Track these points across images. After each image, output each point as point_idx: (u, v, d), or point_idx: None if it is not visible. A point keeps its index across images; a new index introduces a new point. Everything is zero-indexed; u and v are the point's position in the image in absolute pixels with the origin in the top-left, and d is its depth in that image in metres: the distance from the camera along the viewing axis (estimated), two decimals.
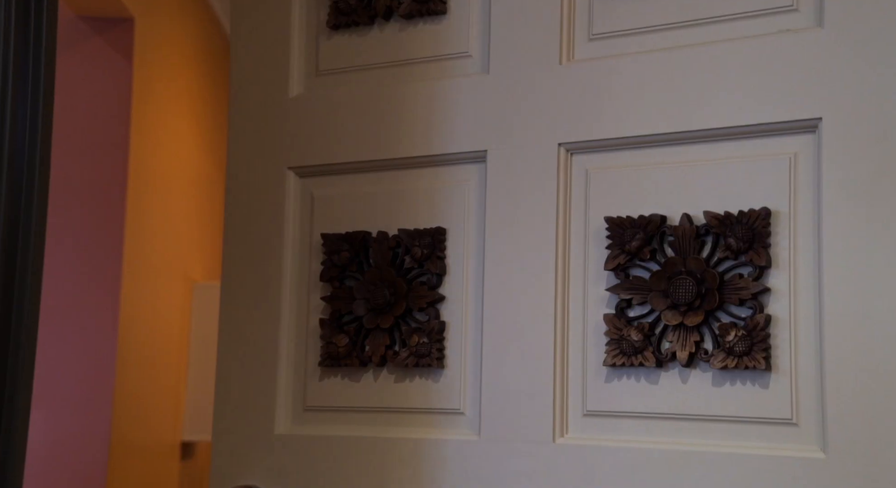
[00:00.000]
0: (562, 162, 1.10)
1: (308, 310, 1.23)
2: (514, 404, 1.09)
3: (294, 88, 1.25)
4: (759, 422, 0.99)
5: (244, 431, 1.23)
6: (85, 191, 2.18)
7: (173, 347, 2.87)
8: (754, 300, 1.00)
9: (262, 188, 1.26)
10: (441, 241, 1.16)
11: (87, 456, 2.12)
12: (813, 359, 0.96)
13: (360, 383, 1.20)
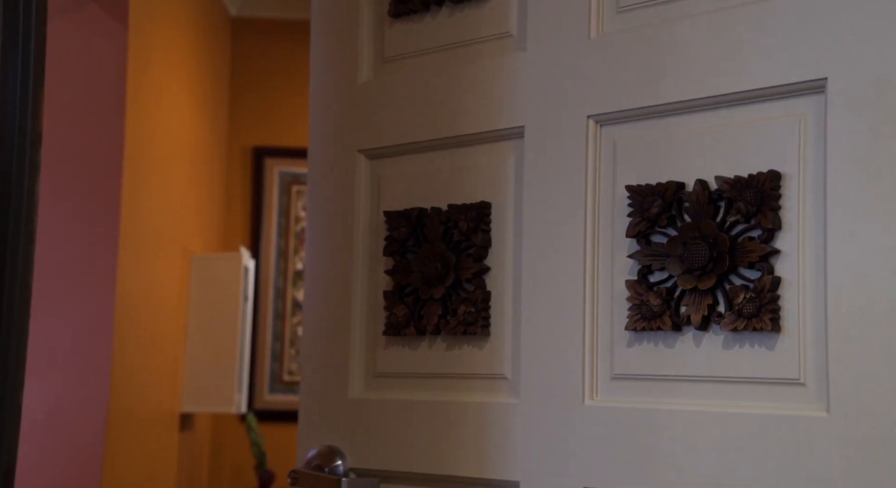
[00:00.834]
0: (591, 134, 1.14)
1: (376, 283, 1.33)
2: (549, 368, 1.14)
3: (363, 75, 1.35)
4: (768, 383, 1.00)
5: (324, 396, 1.34)
6: (81, 161, 2.14)
7: (171, 319, 2.83)
8: (763, 262, 1.01)
9: (337, 170, 1.36)
10: (485, 215, 1.23)
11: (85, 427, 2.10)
12: (819, 320, 0.97)
13: (418, 351, 1.28)
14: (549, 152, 1.16)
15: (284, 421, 3.58)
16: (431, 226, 1.26)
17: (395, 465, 1.27)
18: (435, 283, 1.25)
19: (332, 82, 1.37)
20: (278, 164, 3.72)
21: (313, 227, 1.38)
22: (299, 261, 3.67)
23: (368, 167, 1.34)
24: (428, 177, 1.29)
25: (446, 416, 1.23)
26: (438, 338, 1.26)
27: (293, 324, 3.63)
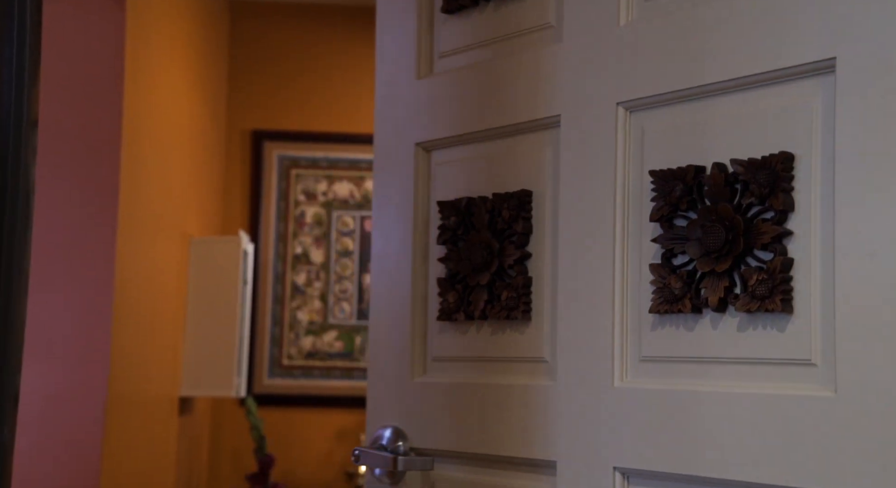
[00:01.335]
0: (620, 121, 1.16)
1: (432, 270, 1.39)
2: (582, 351, 1.18)
3: (419, 70, 1.41)
4: (782, 363, 1.01)
5: (388, 379, 1.42)
6: (79, 145, 2.13)
7: (170, 303, 2.81)
8: (775, 243, 1.02)
9: (396, 162, 1.43)
10: (526, 203, 1.27)
11: (84, 411, 2.09)
12: (829, 301, 0.98)
13: (467, 335, 1.33)
14: (582, 140, 1.19)
15: (283, 405, 3.59)
16: (478, 214, 1.31)
17: (449, 445, 1.33)
18: (481, 270, 1.30)
19: (391, 77, 1.44)
20: (277, 148, 3.71)
21: (377, 218, 1.45)
22: (298, 245, 3.67)
23: (425, 158, 1.40)
24: (476, 167, 1.34)
25: (492, 398, 1.28)
26: (486, 322, 1.31)
27: (292, 308, 3.64)
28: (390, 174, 1.43)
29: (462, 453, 1.31)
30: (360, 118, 3.73)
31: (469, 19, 1.35)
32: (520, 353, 1.27)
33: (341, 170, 3.68)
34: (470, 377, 1.32)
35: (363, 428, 3.59)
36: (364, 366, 3.60)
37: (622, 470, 1.13)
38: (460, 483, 1.32)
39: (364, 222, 3.66)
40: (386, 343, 1.42)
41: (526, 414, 1.23)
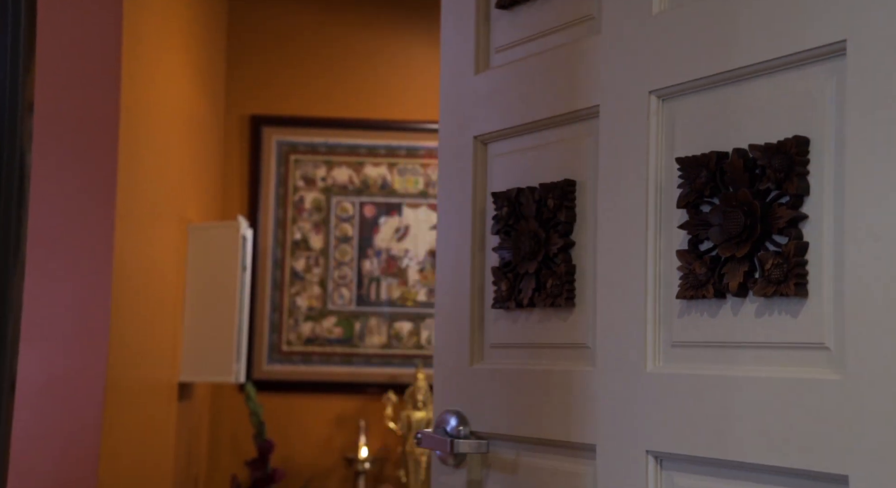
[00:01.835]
0: (652, 109, 1.18)
1: (486, 259, 1.46)
2: (618, 337, 1.21)
3: (475, 66, 1.48)
4: (797, 347, 1.02)
5: (450, 366, 1.48)
6: (76, 130, 2.13)
7: (169, 288, 2.79)
8: (791, 227, 1.02)
9: (457, 155, 1.50)
10: (570, 193, 1.30)
11: (83, 396, 2.09)
12: (841, 284, 0.99)
13: (518, 323, 1.38)
14: (618, 129, 1.22)
15: (283, 391, 3.60)
16: (526, 204, 1.36)
17: (503, 429, 1.38)
18: (529, 258, 1.34)
19: (452, 73, 1.51)
20: (276, 133, 3.70)
21: (440, 210, 1.52)
22: (297, 231, 3.67)
23: (482, 151, 1.46)
24: (527, 159, 1.39)
25: (539, 384, 1.33)
26: (534, 310, 1.35)
27: (291, 294, 3.64)
28: (451, 167, 1.50)
29: (515, 436, 1.37)
30: (359, 103, 3.73)
31: (521, 14, 1.39)
32: (564, 340, 1.30)
33: (340, 156, 3.67)
34: (520, 363, 1.37)
35: (362, 414, 3.61)
36: (363, 351, 3.61)
37: (655, 454, 1.15)
38: (513, 465, 1.37)
39: (363, 208, 3.65)
40: (448, 330, 1.48)
41: (569, 399, 1.27)
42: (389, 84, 3.73)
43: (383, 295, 3.61)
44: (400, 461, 3.46)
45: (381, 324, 3.59)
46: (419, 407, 3.41)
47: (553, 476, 1.32)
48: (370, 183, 3.66)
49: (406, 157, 3.67)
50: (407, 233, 3.65)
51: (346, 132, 3.67)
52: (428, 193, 3.66)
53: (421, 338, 3.60)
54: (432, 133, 3.68)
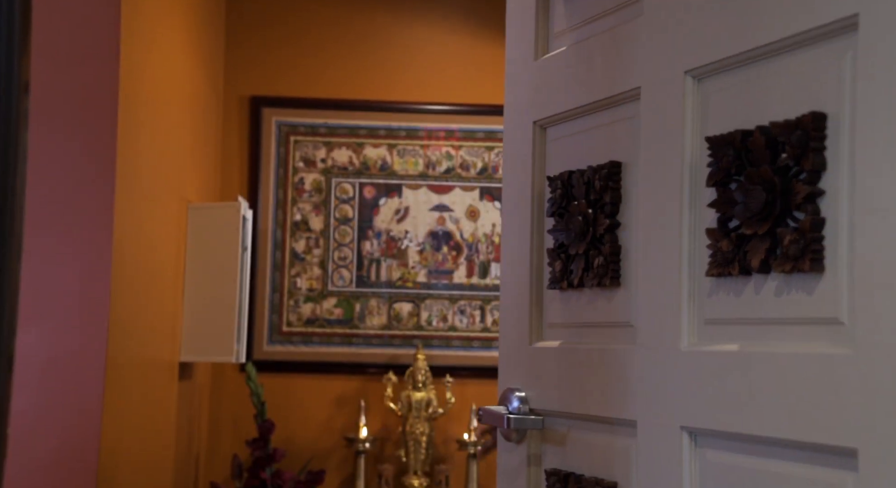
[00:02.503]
0: (687, 89, 1.20)
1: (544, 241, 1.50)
2: (655, 314, 1.24)
3: (539, 51, 1.52)
4: (813, 323, 1.03)
5: (512, 345, 1.54)
6: (75, 110, 2.12)
7: (169, 268, 2.78)
8: (808, 203, 1.03)
9: (517, 140, 1.56)
10: (615, 174, 1.33)
11: (84, 375, 2.10)
12: (853, 259, 0.99)
13: (570, 302, 1.43)
14: (657, 110, 1.25)
15: (283, 371, 3.62)
16: (577, 186, 1.39)
17: (558, 406, 1.43)
18: (579, 240, 1.38)
19: (515, 59, 1.56)
20: (276, 114, 3.70)
21: (505, 194, 1.58)
22: (297, 212, 3.68)
23: (541, 136, 1.51)
24: (579, 142, 1.43)
25: (587, 362, 1.37)
26: (584, 290, 1.39)
27: (291, 275, 3.65)
28: (513, 152, 1.55)
29: (566, 413, 1.41)
30: (359, 84, 3.72)
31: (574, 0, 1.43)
32: (610, 319, 1.34)
33: (340, 137, 3.67)
34: (572, 342, 1.42)
35: (363, 395, 3.62)
36: (363, 332, 3.62)
37: (689, 430, 1.18)
38: (566, 440, 1.42)
39: (363, 189, 3.66)
40: (510, 310, 1.54)
41: (613, 377, 1.31)
42: (390, 65, 3.73)
43: (383, 276, 3.62)
44: (400, 441, 3.48)
45: (381, 305, 3.61)
46: (419, 388, 3.44)
47: (600, 451, 1.35)
48: (370, 164, 3.66)
49: (406, 139, 3.67)
50: (407, 214, 3.66)
51: (346, 113, 3.67)
52: (428, 175, 3.67)
53: (421, 319, 3.62)
54: (432, 114, 3.68)
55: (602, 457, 1.35)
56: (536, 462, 1.49)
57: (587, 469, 1.38)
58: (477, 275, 3.63)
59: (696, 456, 1.17)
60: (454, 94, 3.72)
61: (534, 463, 1.49)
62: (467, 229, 3.65)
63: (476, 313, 3.62)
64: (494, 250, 3.64)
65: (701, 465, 1.17)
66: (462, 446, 3.41)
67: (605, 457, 1.34)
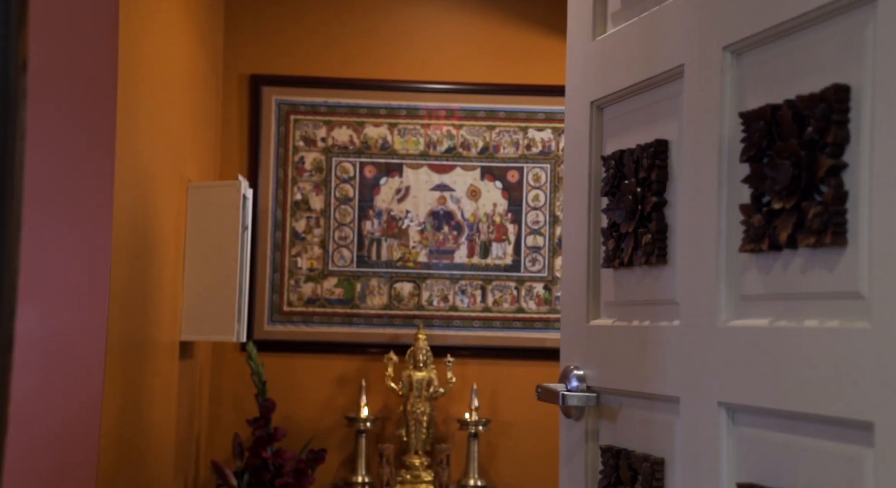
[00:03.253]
0: (726, 65, 1.21)
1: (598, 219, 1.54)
2: (695, 292, 1.26)
3: (596, 31, 1.56)
4: (836, 297, 1.03)
5: (571, 323, 1.58)
6: (74, 87, 2.09)
7: (169, 247, 2.75)
8: (831, 177, 1.03)
9: (576, 120, 1.59)
10: (661, 152, 1.34)
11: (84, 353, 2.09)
12: (874, 233, 0.99)
13: (623, 280, 1.45)
14: (698, 87, 1.25)
15: (284, 351, 3.63)
16: (627, 165, 1.41)
17: (612, 383, 1.46)
18: (629, 218, 1.40)
19: (575, 39, 1.60)
20: (276, 93, 3.69)
21: (566, 174, 1.61)
22: (298, 191, 3.67)
23: (598, 116, 1.53)
24: (630, 121, 1.44)
25: (638, 339, 1.39)
26: (634, 268, 1.41)
27: (292, 255, 3.65)
28: (573, 132, 1.58)
29: (620, 390, 1.44)
30: (359, 63, 3.71)
31: None
32: (657, 296, 1.35)
33: (341, 116, 3.66)
34: (624, 320, 1.44)
35: (364, 374, 3.63)
36: (363, 312, 3.63)
37: (726, 405, 1.19)
38: (618, 417, 1.46)
39: (364, 169, 3.66)
40: (570, 289, 1.58)
41: (659, 354, 1.33)
42: (390, 43, 3.72)
43: (384, 256, 3.62)
44: (401, 420, 3.50)
45: (381, 284, 3.62)
46: (420, 368, 3.45)
47: (648, 427, 1.37)
48: (371, 143, 3.66)
49: (407, 118, 3.66)
50: (407, 193, 3.66)
51: (347, 92, 3.66)
52: (428, 154, 3.66)
53: (422, 299, 3.63)
54: (433, 93, 3.67)
55: (650, 434, 1.37)
56: (594, 438, 1.52)
57: (637, 445, 1.40)
58: (478, 255, 3.64)
59: (732, 432, 1.18)
60: (455, 73, 3.71)
61: (591, 439, 1.52)
62: (468, 209, 3.65)
63: (477, 293, 3.63)
64: (495, 230, 3.64)
65: (738, 441, 1.17)
66: (463, 425, 3.43)
67: (653, 433, 1.36)
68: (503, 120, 3.66)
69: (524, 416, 3.59)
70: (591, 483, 1.53)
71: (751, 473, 1.15)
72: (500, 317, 3.61)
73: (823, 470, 1.04)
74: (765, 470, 1.12)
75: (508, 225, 3.63)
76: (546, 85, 3.66)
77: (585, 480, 1.53)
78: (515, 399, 3.60)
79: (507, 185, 3.65)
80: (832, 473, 1.02)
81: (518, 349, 3.60)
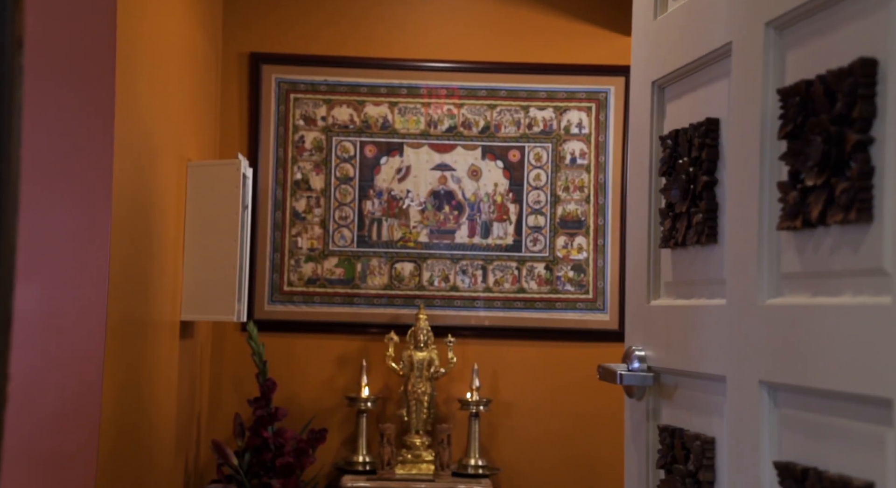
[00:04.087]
0: (769, 41, 1.24)
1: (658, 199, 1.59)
2: (740, 271, 1.29)
3: (658, 10, 1.60)
4: (862, 274, 1.06)
5: (633, 304, 1.63)
6: (72, 64, 2.13)
7: (169, 226, 2.79)
8: (857, 152, 1.05)
9: (641, 98, 1.62)
10: (712, 131, 1.38)
11: (84, 331, 2.14)
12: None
13: (678, 260, 1.49)
14: (743, 64, 1.29)
15: (284, 331, 3.64)
16: (682, 144, 1.45)
17: (669, 363, 1.50)
18: (683, 198, 1.43)
19: (639, 17, 1.64)
20: (276, 71, 3.68)
21: (630, 155, 1.65)
22: (298, 171, 3.67)
23: (659, 95, 1.56)
24: (686, 100, 1.48)
25: (689, 319, 1.43)
26: (688, 247, 1.44)
27: (292, 234, 3.66)
28: (636, 112, 1.62)
29: (675, 370, 1.48)
30: (360, 41, 3.70)
31: None
32: (708, 276, 1.39)
33: (341, 95, 3.66)
34: (680, 299, 1.49)
35: (364, 354, 3.64)
36: (364, 292, 3.64)
37: (767, 384, 1.22)
38: (674, 397, 1.49)
39: (364, 148, 3.65)
40: (634, 270, 1.62)
41: (708, 333, 1.37)
42: (391, 21, 3.71)
43: (384, 236, 3.63)
44: (402, 400, 3.52)
45: (382, 264, 3.62)
46: (421, 348, 3.47)
47: (699, 406, 1.41)
48: (371, 122, 3.65)
49: (407, 97, 3.66)
50: (408, 173, 3.66)
51: (347, 70, 3.66)
52: (429, 133, 3.66)
53: (422, 279, 3.64)
54: (434, 71, 3.66)
55: (701, 413, 1.41)
56: (655, 417, 1.57)
57: (690, 424, 1.44)
58: (479, 235, 3.64)
59: (772, 411, 1.22)
60: (456, 51, 3.70)
61: (652, 418, 1.57)
62: (469, 188, 3.65)
63: (478, 273, 3.64)
64: (496, 210, 3.64)
65: (778, 419, 1.22)
66: (464, 406, 3.46)
67: (704, 413, 1.40)
68: (504, 99, 3.66)
69: (525, 396, 3.61)
70: (652, 461, 1.58)
71: (789, 452, 1.19)
72: (502, 298, 3.62)
73: (852, 449, 1.07)
74: (802, 448, 1.16)
75: (509, 205, 3.63)
76: (547, 63, 3.66)
77: (647, 459, 1.59)
78: (516, 379, 3.62)
79: (509, 165, 3.65)
80: (860, 453, 1.05)
81: (519, 329, 3.62)
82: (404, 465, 3.45)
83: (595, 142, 3.70)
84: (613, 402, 3.59)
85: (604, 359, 3.80)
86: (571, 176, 3.69)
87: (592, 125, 3.70)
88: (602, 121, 3.69)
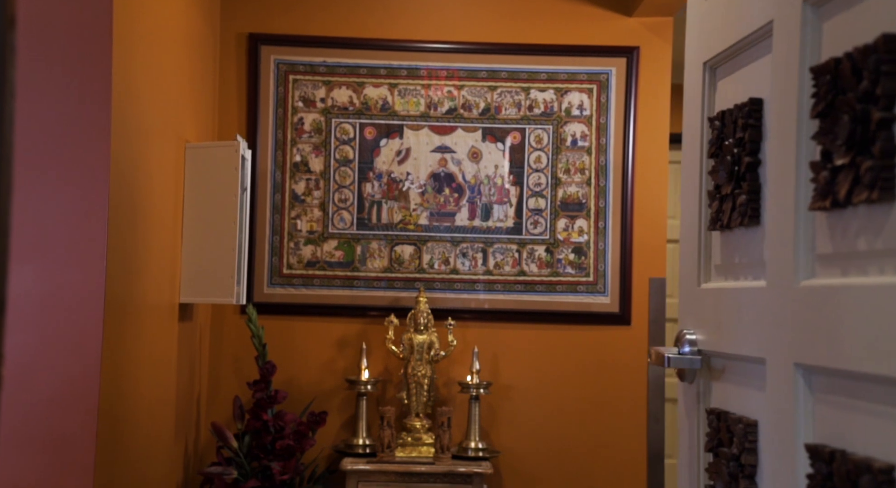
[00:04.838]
0: (806, 18, 1.25)
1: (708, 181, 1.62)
2: (778, 253, 1.31)
3: None
4: (886, 255, 1.06)
5: (685, 287, 1.65)
6: (69, 45, 2.14)
7: (167, 208, 2.82)
8: (881, 130, 1.05)
9: (693, 80, 1.64)
10: (755, 111, 1.39)
11: (82, 313, 2.16)
12: None
13: (725, 242, 1.51)
14: (783, 42, 1.30)
15: (284, 314, 3.65)
16: (728, 126, 1.45)
17: (715, 346, 1.52)
18: (728, 179, 1.44)
19: (692, 1, 1.64)
20: (275, 52, 3.67)
21: (684, 137, 1.65)
22: (297, 153, 3.66)
23: (711, 76, 1.57)
24: (733, 80, 1.49)
25: (734, 301, 1.44)
26: (734, 230, 1.45)
27: (291, 217, 3.66)
28: (689, 94, 1.63)
29: (722, 353, 1.50)
30: (359, 22, 3.69)
31: None
32: (752, 258, 1.39)
33: (340, 77, 3.65)
34: (728, 282, 1.50)
35: (364, 337, 3.65)
36: (364, 275, 3.64)
37: (801, 366, 1.24)
38: (721, 379, 1.51)
39: (364, 130, 3.64)
40: (686, 253, 1.64)
41: (751, 316, 1.39)
42: (391, 1, 3.69)
43: (384, 218, 3.62)
44: (402, 383, 3.53)
45: (382, 247, 3.62)
46: (421, 331, 3.48)
47: (743, 389, 1.42)
48: (371, 104, 3.64)
49: (407, 78, 3.64)
50: (408, 155, 3.65)
51: (346, 51, 3.65)
52: (429, 115, 3.65)
53: (422, 262, 3.64)
54: (434, 53, 3.65)
55: (745, 396, 1.43)
56: (705, 401, 1.58)
57: (735, 407, 1.46)
58: (479, 218, 3.64)
59: (807, 393, 1.23)
60: (456, 32, 3.69)
61: (703, 402, 1.59)
62: (469, 171, 3.65)
63: (478, 256, 3.64)
64: (497, 192, 3.64)
65: (812, 401, 1.23)
66: (464, 388, 3.47)
67: (747, 396, 1.42)
68: (505, 80, 3.65)
69: (525, 379, 3.62)
70: (701, 444, 1.60)
71: (822, 434, 1.20)
72: (502, 280, 3.62)
73: (879, 432, 1.07)
74: (834, 431, 1.18)
75: (510, 187, 3.63)
76: (548, 44, 3.64)
77: (698, 442, 1.61)
78: (517, 362, 3.62)
79: (509, 147, 3.63)
80: (887, 435, 1.06)
81: (519, 312, 3.63)
82: (404, 448, 3.47)
83: (596, 123, 3.69)
84: (614, 385, 3.60)
85: (604, 341, 3.82)
86: (572, 158, 3.69)
87: (594, 107, 3.69)
88: (603, 102, 3.69)
